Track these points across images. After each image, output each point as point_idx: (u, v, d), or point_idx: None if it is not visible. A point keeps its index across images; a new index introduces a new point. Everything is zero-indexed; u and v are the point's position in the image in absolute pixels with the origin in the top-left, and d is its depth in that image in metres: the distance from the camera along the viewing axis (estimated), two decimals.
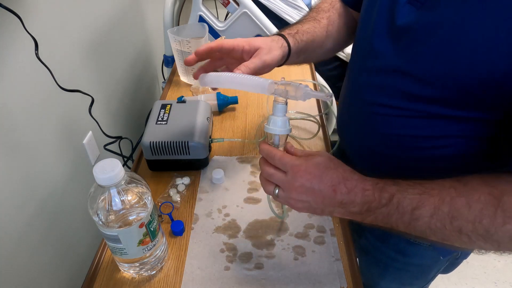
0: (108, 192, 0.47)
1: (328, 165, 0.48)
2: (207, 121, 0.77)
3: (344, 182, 0.46)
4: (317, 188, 0.46)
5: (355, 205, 0.46)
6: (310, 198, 0.47)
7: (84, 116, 0.92)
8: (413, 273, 0.75)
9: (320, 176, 0.47)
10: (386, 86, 0.54)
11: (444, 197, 0.43)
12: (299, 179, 0.47)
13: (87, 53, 0.99)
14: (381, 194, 0.45)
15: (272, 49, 0.60)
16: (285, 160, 0.48)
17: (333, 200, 0.46)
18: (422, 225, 0.44)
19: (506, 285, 1.48)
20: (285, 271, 0.58)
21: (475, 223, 0.41)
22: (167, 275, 0.58)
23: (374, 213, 0.46)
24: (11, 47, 0.69)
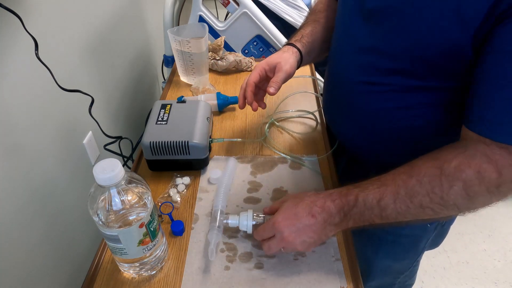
0: (108, 192, 0.47)
1: (295, 202, 0.55)
2: (207, 121, 0.77)
3: (314, 204, 0.53)
4: (301, 225, 0.53)
5: (334, 216, 0.52)
6: (303, 236, 0.53)
7: (84, 116, 0.92)
8: (405, 245, 0.80)
9: (295, 214, 0.54)
10: (363, 64, 0.60)
11: (398, 183, 0.49)
12: (284, 229, 0.53)
13: (87, 53, 0.99)
14: (347, 198, 0.52)
15: (288, 59, 0.70)
16: (265, 227, 0.57)
17: (318, 224, 0.53)
18: (391, 213, 0.50)
19: (506, 285, 1.48)
20: (285, 271, 0.58)
21: (430, 194, 0.47)
22: (167, 275, 0.58)
23: (351, 215, 0.52)
24: (11, 47, 0.69)
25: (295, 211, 0.54)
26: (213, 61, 1.06)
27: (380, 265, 0.86)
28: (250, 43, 1.34)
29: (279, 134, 0.85)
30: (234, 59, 1.05)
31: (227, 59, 1.05)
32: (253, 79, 0.70)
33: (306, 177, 0.74)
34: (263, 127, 0.86)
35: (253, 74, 0.70)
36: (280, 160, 0.78)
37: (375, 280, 0.92)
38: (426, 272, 1.53)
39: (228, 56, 1.05)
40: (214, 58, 1.06)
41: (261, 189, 0.71)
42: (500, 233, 1.68)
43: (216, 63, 1.05)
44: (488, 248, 1.62)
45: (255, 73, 0.70)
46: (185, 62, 0.97)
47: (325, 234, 0.54)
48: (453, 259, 1.58)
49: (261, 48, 1.36)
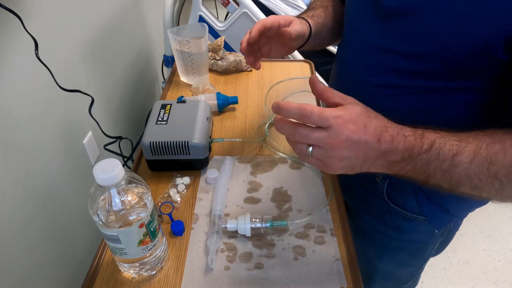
0: (108, 192, 0.47)
1: (368, 114, 0.44)
2: (207, 121, 0.77)
3: (387, 129, 0.43)
4: (364, 140, 0.42)
5: (397, 153, 0.43)
6: (353, 153, 0.43)
7: (84, 116, 0.92)
8: (410, 251, 0.76)
9: (364, 126, 0.42)
10: (377, 64, 0.57)
11: (480, 143, 0.43)
12: (345, 131, 0.41)
13: (87, 53, 0.99)
14: (422, 140, 0.43)
15: (302, 23, 0.65)
16: (326, 114, 0.41)
17: (377, 151, 0.43)
18: (460, 172, 0.43)
19: (506, 285, 1.48)
20: (285, 271, 0.58)
21: (510, 167, 0.42)
22: (167, 275, 0.58)
23: (415, 160, 0.44)
24: (11, 47, 0.69)
25: (366, 122, 0.43)
26: (213, 61, 1.06)
27: (384, 270, 0.84)
28: None
29: (279, 134, 0.85)
30: (234, 59, 1.05)
31: (227, 59, 1.05)
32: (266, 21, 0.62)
33: (306, 177, 0.74)
34: (263, 127, 0.86)
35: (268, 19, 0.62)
36: (280, 160, 0.78)
37: (377, 285, 0.90)
38: (426, 272, 1.53)
39: (228, 56, 1.05)
40: (214, 58, 1.06)
41: (261, 189, 0.71)
42: (500, 233, 1.68)
43: (216, 63, 1.05)
44: (488, 248, 1.62)
45: (270, 19, 0.62)
46: (185, 62, 0.97)
47: (368, 166, 0.45)
48: (453, 259, 1.58)
49: None
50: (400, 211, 0.69)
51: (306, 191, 0.71)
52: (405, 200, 0.68)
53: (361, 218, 0.79)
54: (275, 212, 0.67)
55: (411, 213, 0.68)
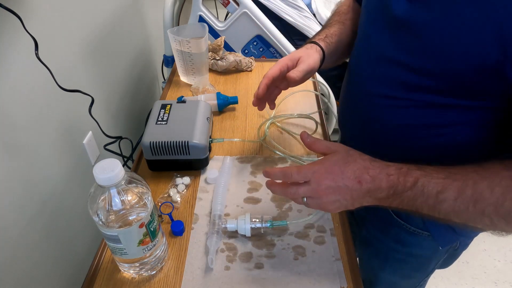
0: (108, 192, 0.47)
1: (346, 160, 0.49)
2: (207, 121, 0.77)
3: (366, 171, 0.48)
4: (342, 184, 0.48)
5: (381, 191, 0.47)
6: (338, 196, 0.48)
7: (84, 116, 0.92)
8: (413, 264, 0.76)
9: (341, 172, 0.48)
10: (386, 76, 0.56)
11: (467, 180, 0.44)
12: (323, 182, 0.48)
13: (87, 53, 0.99)
14: (405, 178, 0.46)
15: (311, 54, 0.67)
16: (304, 171, 0.50)
17: (360, 192, 0.48)
18: (446, 208, 0.45)
19: (506, 285, 1.48)
20: (285, 271, 0.58)
21: (497, 205, 0.43)
22: (167, 275, 0.58)
23: (401, 196, 0.47)
24: (11, 47, 0.69)
25: (343, 169, 0.48)
26: (213, 61, 1.06)
27: (386, 280, 0.84)
28: (250, 43, 1.34)
29: (279, 134, 0.85)
30: (234, 59, 1.05)
31: (227, 59, 1.05)
32: (273, 73, 0.65)
33: None
34: (263, 127, 0.86)
35: (274, 68, 0.65)
36: (280, 160, 0.78)
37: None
38: None
39: (228, 56, 1.05)
40: (214, 58, 1.06)
41: (261, 189, 0.71)
42: None
43: (216, 63, 1.05)
44: (488, 248, 1.62)
45: (277, 67, 0.65)
46: (185, 62, 0.97)
47: (360, 203, 0.49)
48: None
49: (261, 48, 1.36)
50: (403, 224, 0.69)
51: None
52: (410, 215, 0.66)
53: (366, 228, 0.79)
54: (275, 212, 0.67)
55: (415, 228, 0.68)
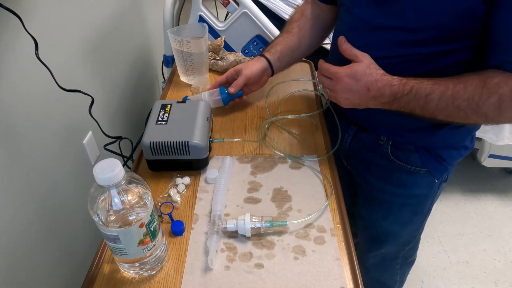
0: (108, 192, 0.47)
1: (364, 72, 0.63)
2: (207, 121, 0.77)
3: (375, 83, 0.63)
4: (354, 89, 0.65)
5: (384, 97, 0.63)
6: (350, 96, 0.66)
7: (84, 116, 0.92)
8: (413, 206, 0.87)
9: (357, 80, 0.64)
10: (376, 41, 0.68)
11: (448, 84, 0.59)
12: (340, 83, 0.66)
13: (87, 53, 0.99)
14: (404, 87, 0.62)
15: (251, 66, 0.84)
16: (330, 70, 0.67)
17: (367, 96, 0.64)
18: (432, 106, 0.60)
19: (506, 285, 1.48)
20: (285, 271, 0.58)
21: (469, 100, 0.58)
22: (167, 275, 0.58)
23: (399, 101, 0.63)
24: (11, 47, 0.69)
25: (359, 78, 0.63)
26: (213, 61, 1.06)
27: (390, 231, 0.93)
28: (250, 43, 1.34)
29: (279, 134, 0.85)
30: (234, 59, 1.05)
31: (227, 59, 1.05)
32: (220, 80, 0.86)
33: (306, 177, 0.74)
34: (263, 127, 0.86)
35: (222, 77, 0.86)
36: (280, 160, 0.78)
37: (383, 248, 0.97)
38: (426, 272, 1.53)
39: (228, 56, 1.05)
40: (214, 58, 1.06)
41: (261, 189, 0.71)
42: (500, 233, 1.68)
43: (216, 63, 1.05)
44: (488, 248, 1.62)
45: (223, 76, 0.86)
46: (185, 62, 0.97)
47: (366, 104, 0.66)
48: (453, 259, 1.58)
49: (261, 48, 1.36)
50: (404, 166, 0.79)
51: (306, 191, 0.71)
52: (408, 156, 0.78)
53: (368, 182, 0.88)
54: (275, 212, 0.67)
55: (414, 167, 0.79)
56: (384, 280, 1.09)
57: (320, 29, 0.89)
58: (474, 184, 1.91)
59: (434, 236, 1.65)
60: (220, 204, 0.66)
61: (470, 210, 1.78)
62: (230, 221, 0.62)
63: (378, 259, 1.02)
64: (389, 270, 1.06)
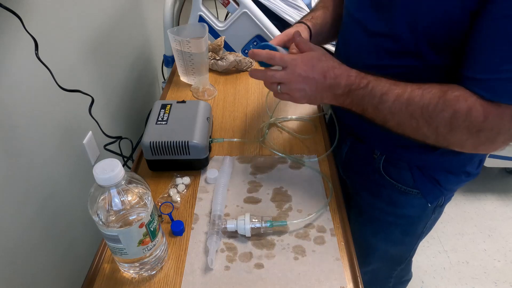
0: (108, 192, 0.47)
1: (320, 58, 0.59)
2: (207, 121, 0.77)
3: (332, 69, 0.58)
4: (311, 76, 0.58)
5: (340, 88, 0.58)
6: (306, 86, 0.59)
7: (84, 116, 0.92)
8: (404, 227, 0.82)
9: (313, 66, 0.58)
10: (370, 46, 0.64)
11: (406, 88, 0.55)
12: (297, 70, 0.58)
13: (87, 53, 0.99)
14: (361, 80, 0.57)
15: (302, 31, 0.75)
16: (284, 58, 0.60)
17: (323, 85, 0.59)
18: (385, 108, 0.56)
19: (506, 285, 1.48)
20: (285, 271, 0.58)
21: (423, 108, 0.53)
22: (167, 275, 0.58)
23: (353, 94, 0.58)
24: (11, 47, 0.69)
25: (315, 63, 0.58)
26: (213, 61, 1.06)
27: (378, 249, 0.89)
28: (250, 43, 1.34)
29: (279, 134, 0.85)
30: (234, 59, 1.05)
31: (227, 59, 1.05)
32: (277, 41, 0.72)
33: (306, 177, 0.74)
34: (263, 127, 0.86)
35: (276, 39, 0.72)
36: (280, 160, 0.78)
37: (371, 265, 0.94)
38: (426, 272, 1.53)
39: (228, 56, 1.05)
40: (214, 58, 1.06)
41: (261, 189, 0.71)
42: (500, 233, 1.68)
43: (216, 63, 1.05)
44: (488, 248, 1.62)
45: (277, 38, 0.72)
46: (185, 62, 0.97)
47: (321, 97, 0.60)
48: (453, 259, 1.58)
49: None
50: (395, 184, 0.75)
51: (306, 191, 0.71)
52: (400, 174, 0.74)
53: (360, 195, 0.85)
54: (275, 212, 0.67)
55: (405, 187, 0.74)
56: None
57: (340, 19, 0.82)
58: (474, 184, 1.91)
59: (434, 236, 1.65)
60: (220, 204, 0.66)
61: (470, 210, 1.78)
62: (230, 221, 0.62)
63: (370, 276, 0.98)
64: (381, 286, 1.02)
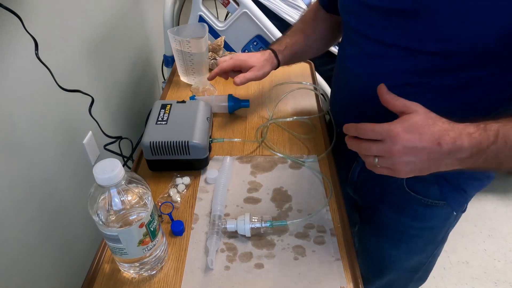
0: (108, 192, 0.47)
1: (426, 122, 0.47)
2: (207, 121, 0.77)
3: (447, 133, 0.46)
4: (420, 146, 0.46)
5: (464, 151, 0.46)
6: (414, 158, 0.47)
7: (84, 116, 0.92)
8: (427, 238, 0.80)
9: (420, 134, 0.46)
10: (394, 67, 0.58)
11: None
12: (399, 141, 0.46)
13: (87, 53, 0.99)
14: (486, 133, 0.46)
15: (264, 67, 0.79)
16: (378, 129, 0.48)
17: (439, 153, 0.46)
18: None
19: (506, 285, 1.48)
20: (285, 271, 0.58)
21: None
22: (167, 275, 0.58)
23: (485, 153, 0.46)
24: (11, 47, 0.69)
25: (422, 130, 0.46)
26: (213, 61, 1.06)
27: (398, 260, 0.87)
28: (250, 43, 1.34)
29: (279, 134, 0.85)
30: None
31: None
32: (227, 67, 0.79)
33: (306, 177, 0.74)
34: (263, 127, 0.86)
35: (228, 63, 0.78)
36: (280, 160, 0.78)
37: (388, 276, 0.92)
38: None
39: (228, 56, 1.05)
40: (214, 58, 1.06)
41: (261, 189, 0.71)
42: (500, 233, 1.68)
43: (216, 63, 1.05)
44: (488, 248, 1.62)
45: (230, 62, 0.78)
46: (185, 62, 0.97)
47: (437, 166, 0.48)
48: (453, 259, 1.58)
49: (261, 48, 1.36)
50: (421, 199, 0.71)
51: (306, 191, 0.71)
52: (427, 188, 0.70)
53: (379, 211, 0.81)
54: (275, 212, 0.67)
55: (432, 199, 0.71)
56: None
57: (331, 34, 0.85)
58: None
59: None
60: (220, 204, 0.66)
61: (470, 210, 1.77)
62: (230, 221, 0.62)
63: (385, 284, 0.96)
64: None
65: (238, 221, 0.61)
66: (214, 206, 0.66)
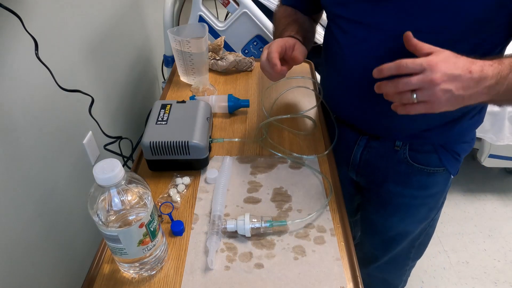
0: (108, 192, 0.47)
1: (455, 55, 0.52)
2: (207, 121, 0.77)
3: (474, 63, 0.51)
4: (456, 73, 0.50)
5: (491, 78, 0.51)
6: (452, 85, 0.50)
7: (84, 116, 0.92)
8: (430, 205, 0.86)
9: (454, 63, 0.51)
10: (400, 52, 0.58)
11: None
12: (439, 69, 0.50)
13: (87, 53, 0.99)
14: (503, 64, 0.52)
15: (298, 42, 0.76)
16: (418, 61, 0.51)
17: (471, 81, 0.51)
18: None
19: (506, 285, 1.48)
20: (285, 271, 0.58)
21: None
22: (167, 275, 0.58)
23: (506, 79, 0.52)
24: (11, 47, 0.69)
25: (455, 60, 0.51)
26: (213, 61, 1.06)
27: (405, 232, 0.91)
28: (250, 43, 1.34)
29: (278, 134, 0.85)
30: (234, 59, 1.05)
31: (227, 59, 1.05)
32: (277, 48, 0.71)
33: (306, 177, 0.74)
34: (263, 127, 0.86)
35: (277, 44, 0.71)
36: (280, 160, 0.78)
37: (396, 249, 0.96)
38: (426, 272, 1.53)
39: (228, 56, 1.05)
40: (214, 58, 1.06)
41: (261, 189, 0.71)
42: (500, 233, 1.68)
43: (216, 63, 1.05)
44: (488, 248, 1.62)
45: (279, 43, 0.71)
46: (185, 62, 0.97)
47: (469, 95, 0.52)
48: (453, 259, 1.58)
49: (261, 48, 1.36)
50: (424, 168, 0.78)
51: (306, 191, 0.71)
52: (427, 157, 0.77)
53: (385, 189, 0.85)
54: (275, 212, 0.67)
55: (434, 167, 0.78)
56: (392, 279, 1.09)
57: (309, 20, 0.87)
58: (474, 184, 1.91)
59: (434, 236, 1.63)
60: (220, 204, 0.66)
61: (470, 210, 1.78)
62: (230, 221, 0.62)
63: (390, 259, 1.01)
64: (399, 270, 1.06)
65: (238, 221, 0.61)
66: (214, 206, 0.66)
